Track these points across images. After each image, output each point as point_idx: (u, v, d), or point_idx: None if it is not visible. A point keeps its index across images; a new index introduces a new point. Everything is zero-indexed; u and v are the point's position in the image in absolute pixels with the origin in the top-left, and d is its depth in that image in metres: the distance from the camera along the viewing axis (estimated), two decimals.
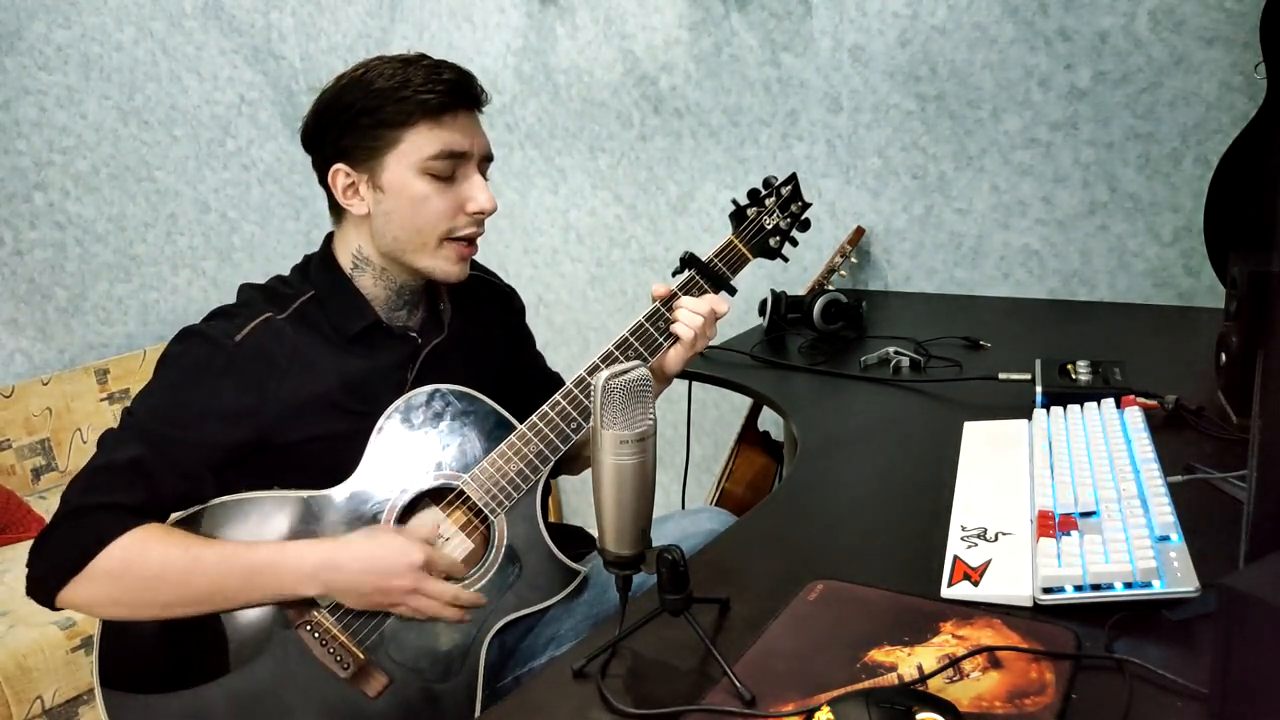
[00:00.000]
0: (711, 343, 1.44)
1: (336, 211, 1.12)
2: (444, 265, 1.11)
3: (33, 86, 2.44)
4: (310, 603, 1.01)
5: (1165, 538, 0.80)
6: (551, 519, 1.13)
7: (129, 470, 0.98)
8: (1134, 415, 1.07)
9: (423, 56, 1.07)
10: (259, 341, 1.05)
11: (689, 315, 1.14)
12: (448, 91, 1.05)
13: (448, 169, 1.06)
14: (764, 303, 1.81)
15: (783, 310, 1.79)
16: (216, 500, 1.03)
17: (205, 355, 1.03)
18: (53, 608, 0.99)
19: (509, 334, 1.30)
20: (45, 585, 0.97)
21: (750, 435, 2.17)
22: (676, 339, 1.15)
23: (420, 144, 1.05)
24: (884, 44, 1.95)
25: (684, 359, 1.17)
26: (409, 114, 1.04)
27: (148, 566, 0.96)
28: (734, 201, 1.23)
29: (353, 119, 1.05)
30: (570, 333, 2.67)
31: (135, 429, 1.01)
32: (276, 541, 1.02)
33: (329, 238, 1.16)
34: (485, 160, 1.11)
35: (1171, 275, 1.77)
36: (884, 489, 1.09)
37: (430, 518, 1.09)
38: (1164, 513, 0.84)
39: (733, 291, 1.19)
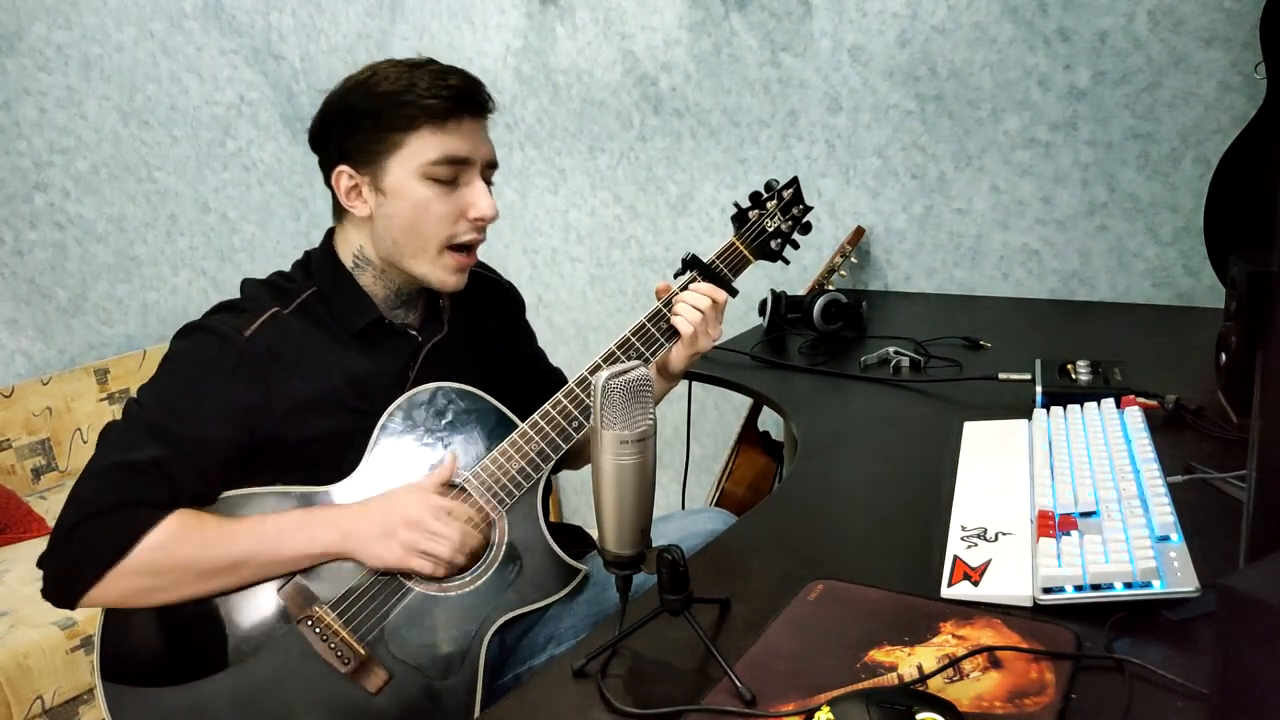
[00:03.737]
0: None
1: (339, 211, 1.13)
2: (441, 274, 1.11)
3: (33, 87, 2.44)
4: (312, 598, 1.01)
5: (1165, 538, 0.80)
6: (551, 519, 1.13)
7: (151, 470, 0.98)
8: (1134, 415, 1.07)
9: (430, 61, 1.07)
10: (268, 337, 1.05)
11: (689, 309, 1.14)
12: (452, 97, 1.05)
13: (450, 174, 1.06)
14: (764, 303, 1.81)
15: (783, 310, 1.79)
16: (220, 496, 1.03)
17: (215, 351, 1.03)
18: (73, 608, 0.99)
19: (509, 330, 1.31)
20: (70, 586, 0.97)
21: (750, 435, 2.17)
22: (678, 335, 1.15)
23: (422, 149, 1.05)
24: (884, 44, 1.95)
25: (688, 356, 1.17)
26: (412, 118, 1.04)
27: (187, 549, 0.98)
28: (735, 204, 1.24)
29: (356, 121, 1.06)
30: (570, 333, 2.67)
31: (149, 426, 1.00)
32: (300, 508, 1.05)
33: (330, 234, 1.16)
34: (489, 167, 1.11)
35: (1171, 275, 1.77)
36: (884, 489, 1.09)
37: None
38: (1164, 513, 0.84)
39: (734, 293, 1.19)
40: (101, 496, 0.97)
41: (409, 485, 1.05)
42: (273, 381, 1.04)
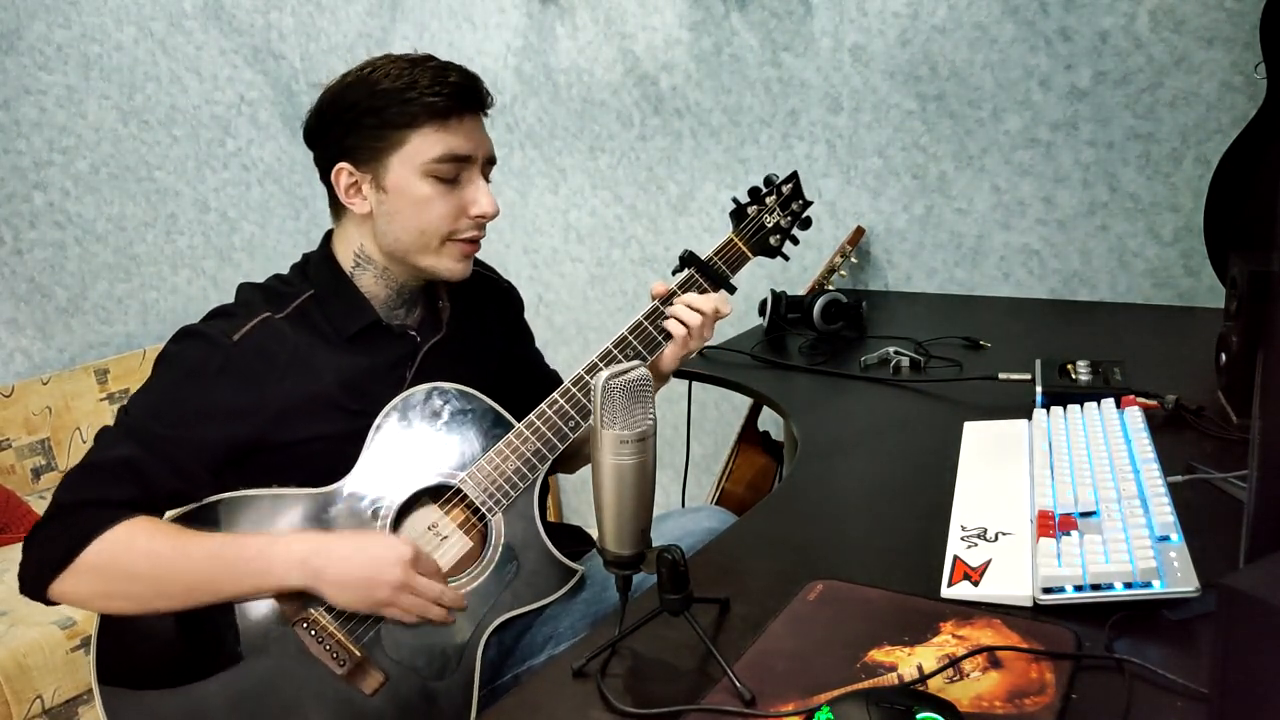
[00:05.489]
0: (711, 343, 1.44)
1: (337, 209, 1.12)
2: (448, 264, 1.11)
3: (33, 86, 2.44)
4: (307, 600, 1.01)
5: (1165, 538, 0.80)
6: (551, 518, 1.13)
7: (119, 468, 0.99)
8: (1134, 415, 1.07)
9: (429, 57, 1.07)
10: (257, 341, 1.05)
11: (685, 312, 1.13)
12: (454, 95, 1.04)
13: (451, 172, 1.06)
14: (764, 303, 1.81)
15: (783, 310, 1.79)
16: (211, 498, 1.03)
17: (203, 355, 1.03)
18: (45, 601, 0.99)
19: (508, 331, 1.30)
20: (35, 580, 0.98)
21: (750, 435, 2.17)
22: (671, 336, 1.14)
23: (425, 146, 1.05)
24: (884, 44, 1.95)
25: (679, 357, 1.15)
26: (414, 116, 1.03)
27: (133, 560, 0.96)
28: (734, 200, 1.23)
29: (357, 119, 1.05)
30: (570, 333, 2.67)
31: (130, 428, 1.01)
32: (266, 533, 1.02)
33: (328, 235, 1.16)
34: (489, 163, 1.11)
35: (1171, 275, 1.77)
36: (884, 489, 1.09)
37: (427, 516, 1.09)
38: (1164, 513, 0.84)
39: (732, 290, 1.18)
40: (70, 494, 0.98)
41: (389, 542, 1.01)
42: (263, 385, 1.04)
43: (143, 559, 0.96)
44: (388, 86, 1.03)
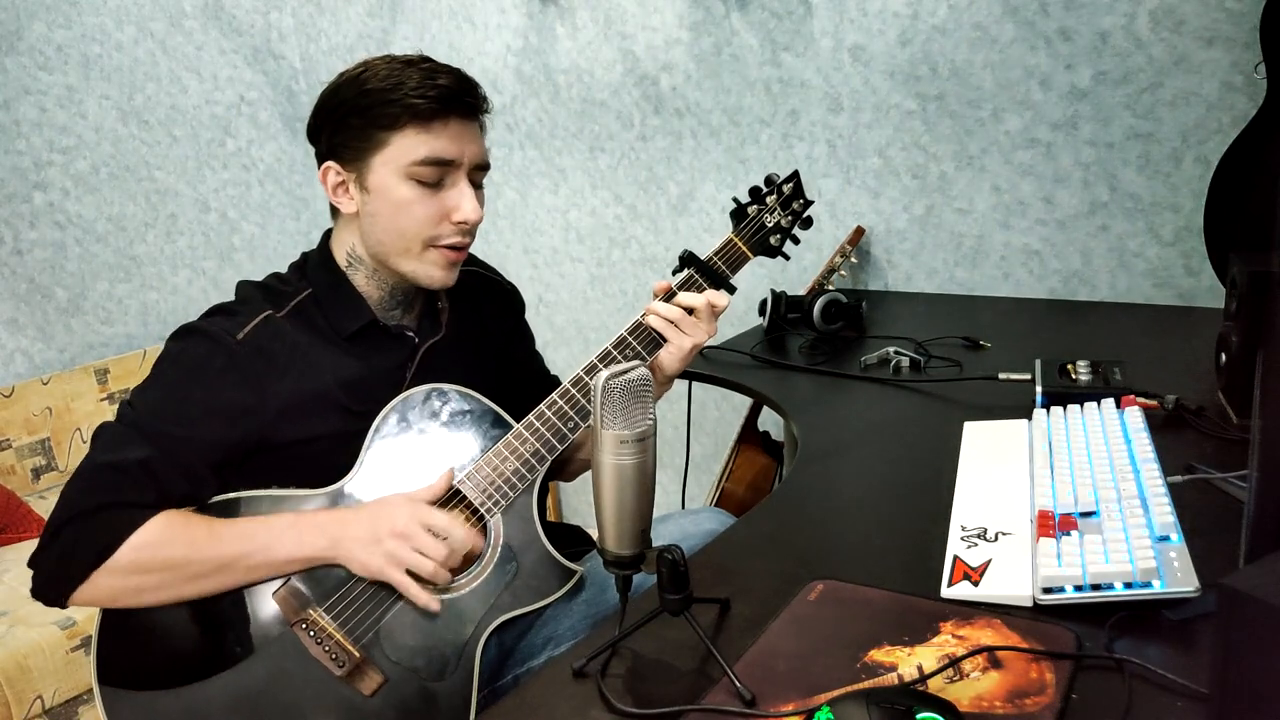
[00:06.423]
0: (711, 342, 1.44)
1: (334, 207, 1.12)
2: (429, 270, 1.09)
3: (33, 86, 2.44)
4: (306, 600, 1.01)
5: (1165, 538, 0.80)
6: (551, 518, 1.13)
7: (137, 470, 0.98)
8: (1134, 415, 1.07)
9: (424, 59, 1.06)
10: (259, 340, 1.05)
11: (663, 307, 1.12)
12: (440, 97, 1.03)
13: (434, 176, 1.05)
14: (764, 303, 1.81)
15: (783, 310, 1.79)
16: (212, 500, 1.03)
17: (206, 353, 1.03)
18: (64, 606, 0.99)
19: (507, 333, 1.30)
20: (59, 585, 0.97)
21: (750, 435, 2.17)
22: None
23: (407, 149, 1.04)
24: (884, 44, 1.95)
25: (678, 358, 1.13)
26: (397, 117, 1.03)
27: (173, 549, 0.97)
28: (735, 199, 1.23)
29: (344, 118, 1.05)
30: (570, 333, 2.67)
31: (138, 427, 1.01)
32: (293, 511, 1.04)
33: (327, 234, 1.16)
34: (479, 169, 1.10)
35: (1171, 275, 1.77)
36: (884, 489, 1.09)
37: None
38: (1164, 513, 0.84)
39: (732, 290, 1.18)
40: (89, 496, 0.97)
41: (403, 495, 1.04)
42: (264, 384, 1.03)
43: (182, 548, 0.97)
44: (375, 87, 1.03)
